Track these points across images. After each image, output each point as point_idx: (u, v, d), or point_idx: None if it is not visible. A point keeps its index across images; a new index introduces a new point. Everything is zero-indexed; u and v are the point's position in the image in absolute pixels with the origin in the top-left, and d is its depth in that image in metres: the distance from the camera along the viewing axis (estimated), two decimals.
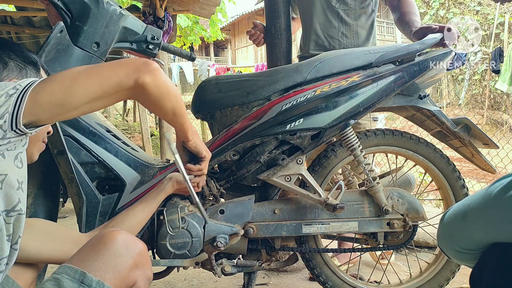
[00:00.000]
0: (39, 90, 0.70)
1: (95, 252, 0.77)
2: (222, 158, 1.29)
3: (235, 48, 20.58)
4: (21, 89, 0.69)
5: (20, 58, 0.87)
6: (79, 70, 0.76)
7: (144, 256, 0.82)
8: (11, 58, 0.85)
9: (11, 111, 0.67)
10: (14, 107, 0.68)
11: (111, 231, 0.82)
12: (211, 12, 4.25)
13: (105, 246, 0.77)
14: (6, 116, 0.67)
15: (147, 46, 1.31)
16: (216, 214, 1.30)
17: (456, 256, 0.78)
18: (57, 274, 0.72)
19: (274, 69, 1.34)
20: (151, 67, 0.80)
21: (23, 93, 0.69)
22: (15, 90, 0.69)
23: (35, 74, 0.89)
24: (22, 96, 0.68)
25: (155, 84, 0.81)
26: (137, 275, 0.79)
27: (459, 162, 3.34)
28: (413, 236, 1.42)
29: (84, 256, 0.76)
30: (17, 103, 0.68)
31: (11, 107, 0.67)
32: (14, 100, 0.68)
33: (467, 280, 0.73)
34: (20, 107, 0.68)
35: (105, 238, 0.79)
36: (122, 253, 0.78)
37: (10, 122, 0.67)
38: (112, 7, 1.22)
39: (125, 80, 0.77)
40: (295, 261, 1.44)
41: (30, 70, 0.88)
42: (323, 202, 1.30)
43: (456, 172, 1.46)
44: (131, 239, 0.81)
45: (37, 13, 4.15)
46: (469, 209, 0.69)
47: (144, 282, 0.81)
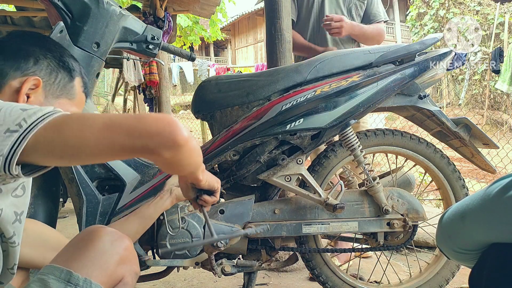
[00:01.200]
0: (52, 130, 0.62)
1: (80, 249, 0.75)
2: (222, 158, 1.29)
3: (235, 48, 20.58)
4: (25, 127, 0.60)
5: (56, 60, 0.85)
6: (97, 123, 0.63)
7: (130, 251, 0.81)
8: (46, 57, 0.84)
9: (5, 153, 0.59)
10: (11, 148, 0.59)
11: (95, 227, 0.80)
12: (211, 12, 4.25)
13: (90, 243, 0.76)
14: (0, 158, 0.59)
15: (147, 46, 1.31)
16: (216, 214, 1.30)
17: (455, 256, 0.78)
18: (42, 274, 0.71)
19: (274, 69, 1.34)
20: (176, 141, 0.64)
21: (27, 132, 0.60)
22: (18, 128, 0.60)
23: (66, 81, 0.86)
24: (24, 136, 0.60)
25: (175, 159, 0.67)
26: (124, 271, 0.79)
27: (459, 162, 3.34)
28: (413, 236, 1.42)
29: (69, 255, 0.75)
30: (16, 143, 0.59)
31: (7, 148, 0.59)
32: (13, 140, 0.59)
33: (467, 280, 0.73)
34: (18, 148, 0.59)
35: (90, 235, 0.77)
36: (107, 249, 0.76)
37: (3, 164, 0.59)
38: (112, 7, 1.22)
39: (139, 149, 0.64)
40: (295, 261, 1.44)
41: (62, 75, 0.86)
42: (323, 202, 1.30)
43: (456, 172, 1.46)
44: (116, 235, 0.80)
45: (37, 13, 4.14)
46: (467, 210, 0.69)
47: (131, 277, 0.81)
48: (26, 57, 0.81)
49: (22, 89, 0.79)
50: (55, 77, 0.84)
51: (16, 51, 0.81)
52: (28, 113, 0.62)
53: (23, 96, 0.79)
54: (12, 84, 0.79)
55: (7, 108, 0.63)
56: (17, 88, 0.78)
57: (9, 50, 0.81)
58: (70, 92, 0.88)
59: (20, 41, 0.84)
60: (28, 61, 0.81)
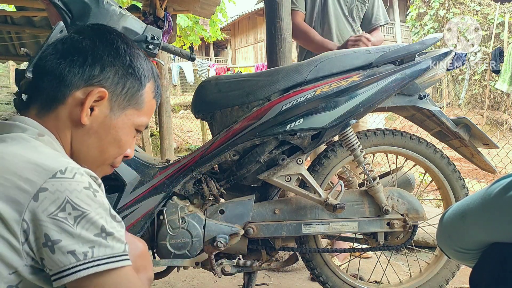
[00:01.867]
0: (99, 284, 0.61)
1: None
2: (222, 158, 1.29)
3: (235, 48, 20.59)
4: (85, 261, 0.59)
5: (124, 67, 0.76)
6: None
7: (145, 257, 0.79)
8: (115, 64, 0.74)
9: (55, 272, 0.58)
10: (59, 273, 0.59)
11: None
12: (211, 12, 4.25)
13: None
14: (48, 272, 0.59)
15: (147, 46, 1.31)
16: (216, 214, 1.30)
17: (456, 256, 0.78)
18: None
19: (274, 69, 1.34)
20: None
21: (83, 268, 0.59)
22: (80, 257, 0.59)
23: (135, 89, 0.78)
24: (80, 270, 0.59)
25: None
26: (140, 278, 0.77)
27: (459, 162, 3.34)
28: (413, 236, 1.42)
29: None
30: (66, 272, 0.58)
31: (57, 268, 0.58)
32: (67, 265, 0.58)
33: (467, 280, 0.73)
34: (65, 277, 0.58)
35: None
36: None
37: (50, 277, 0.59)
38: (112, 7, 1.22)
39: None
40: (295, 261, 1.44)
41: (130, 84, 0.77)
42: (323, 202, 1.30)
43: (456, 172, 1.46)
44: (131, 240, 0.78)
45: (37, 13, 4.15)
46: (468, 209, 0.69)
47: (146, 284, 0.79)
48: (93, 63, 0.72)
49: (86, 102, 0.71)
50: (122, 86, 0.76)
51: (83, 54, 0.73)
52: (101, 244, 0.61)
53: (86, 109, 0.72)
54: (76, 95, 0.71)
55: (90, 217, 0.61)
56: (81, 99, 0.71)
57: (74, 51, 0.73)
58: (138, 101, 0.79)
59: (89, 42, 0.74)
60: (94, 68, 0.72)
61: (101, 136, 0.75)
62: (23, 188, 0.58)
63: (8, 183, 0.58)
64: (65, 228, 0.58)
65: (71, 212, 0.59)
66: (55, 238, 0.58)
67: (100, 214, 0.62)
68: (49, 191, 0.58)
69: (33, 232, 0.58)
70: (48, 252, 0.58)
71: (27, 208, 0.57)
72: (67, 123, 0.72)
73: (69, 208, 0.59)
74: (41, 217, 0.58)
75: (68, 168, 0.62)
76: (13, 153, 0.62)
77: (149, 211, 1.24)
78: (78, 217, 0.59)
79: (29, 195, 0.58)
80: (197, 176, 1.28)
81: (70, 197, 0.59)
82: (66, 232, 0.59)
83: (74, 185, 0.60)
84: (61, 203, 0.59)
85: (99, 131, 0.75)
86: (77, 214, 0.59)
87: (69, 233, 0.59)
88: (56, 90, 0.71)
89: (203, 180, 1.28)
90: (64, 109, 0.72)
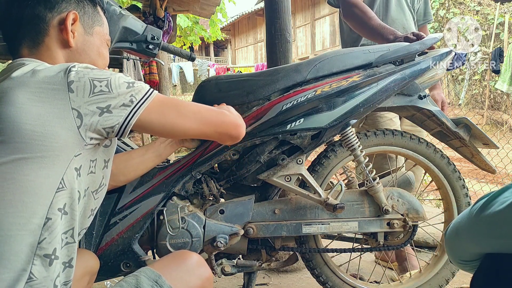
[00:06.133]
0: (157, 110, 0.81)
1: (173, 263, 0.89)
2: (222, 158, 1.29)
3: (235, 48, 20.58)
4: (135, 103, 0.78)
5: None
6: (189, 113, 0.89)
7: (210, 282, 0.91)
8: None
9: (121, 122, 0.77)
10: (125, 120, 0.77)
11: (191, 252, 0.94)
12: (211, 12, 4.26)
13: (183, 261, 0.89)
14: (116, 127, 0.77)
15: (147, 46, 1.31)
16: (216, 214, 1.30)
17: (460, 266, 0.84)
18: (138, 272, 0.83)
19: (274, 69, 1.34)
20: (239, 138, 1.04)
21: (137, 108, 0.78)
22: (131, 103, 0.78)
23: (92, 9, 0.92)
24: (136, 111, 0.78)
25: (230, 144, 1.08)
26: None
27: (459, 162, 3.34)
28: (413, 236, 1.42)
29: (164, 265, 0.89)
30: (129, 116, 0.77)
31: (122, 119, 0.77)
32: (127, 113, 0.77)
33: (467, 280, 0.75)
34: (131, 120, 0.78)
35: (185, 255, 0.92)
36: (195, 272, 0.88)
37: (118, 131, 0.78)
38: (112, 7, 1.22)
39: (214, 136, 0.98)
40: (295, 261, 1.44)
41: (86, 4, 0.91)
42: (323, 202, 1.30)
43: (456, 172, 1.46)
44: (203, 264, 0.92)
45: None
46: (459, 226, 0.76)
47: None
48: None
49: (66, 26, 0.84)
50: (82, 7, 0.89)
51: None
52: (134, 90, 0.79)
53: (69, 32, 0.84)
54: (54, 24, 0.84)
55: (114, 80, 0.77)
56: (60, 27, 0.84)
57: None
58: (98, 19, 0.94)
59: None
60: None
61: (88, 53, 0.90)
62: (56, 88, 0.72)
63: (44, 88, 0.72)
64: (106, 96, 0.75)
65: (101, 84, 0.75)
66: (105, 105, 0.75)
67: (115, 74, 0.78)
68: (75, 82, 0.73)
69: (84, 114, 0.73)
70: (107, 116, 0.75)
71: (70, 99, 0.72)
72: (58, 50, 0.85)
73: (97, 83, 0.75)
74: (85, 100, 0.73)
75: (73, 64, 0.76)
76: (34, 69, 0.75)
77: (149, 211, 1.23)
78: (108, 84, 0.76)
79: (65, 90, 0.72)
80: (197, 176, 1.28)
81: (91, 77, 0.75)
82: (109, 98, 0.75)
83: (87, 70, 0.76)
84: (90, 84, 0.74)
85: (85, 48, 0.90)
86: (105, 83, 0.76)
87: (112, 97, 0.75)
88: (36, 27, 0.83)
89: (203, 180, 1.28)
90: (51, 39, 0.84)
